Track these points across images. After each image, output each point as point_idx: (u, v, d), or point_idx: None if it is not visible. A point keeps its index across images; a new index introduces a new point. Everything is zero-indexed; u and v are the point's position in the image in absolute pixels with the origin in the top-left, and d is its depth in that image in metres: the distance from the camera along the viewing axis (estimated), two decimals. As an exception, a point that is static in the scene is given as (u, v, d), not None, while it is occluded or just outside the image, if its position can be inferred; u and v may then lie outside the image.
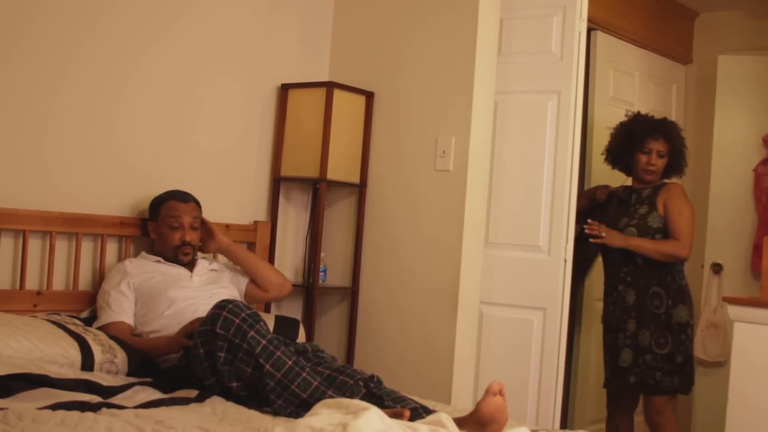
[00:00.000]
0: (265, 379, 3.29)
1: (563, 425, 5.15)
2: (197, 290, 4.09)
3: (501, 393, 3.17)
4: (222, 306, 3.42)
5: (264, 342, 3.34)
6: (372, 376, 3.51)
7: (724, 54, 6.24)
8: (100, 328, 3.89)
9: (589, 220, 4.94)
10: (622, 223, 4.92)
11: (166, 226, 4.19)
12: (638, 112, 5.20)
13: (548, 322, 4.79)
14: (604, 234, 4.86)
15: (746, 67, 6.09)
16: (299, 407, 3.24)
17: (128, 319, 3.98)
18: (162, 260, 4.18)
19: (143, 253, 4.24)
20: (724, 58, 6.20)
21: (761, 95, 5.58)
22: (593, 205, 5.14)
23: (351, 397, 3.40)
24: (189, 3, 4.59)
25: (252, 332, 3.35)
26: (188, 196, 4.28)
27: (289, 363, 3.31)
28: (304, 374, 3.31)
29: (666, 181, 5.01)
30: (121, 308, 3.98)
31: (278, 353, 3.33)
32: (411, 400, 3.45)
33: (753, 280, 5.76)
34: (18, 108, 3.97)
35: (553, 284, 4.80)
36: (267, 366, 3.30)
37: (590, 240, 4.91)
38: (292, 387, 3.28)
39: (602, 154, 5.21)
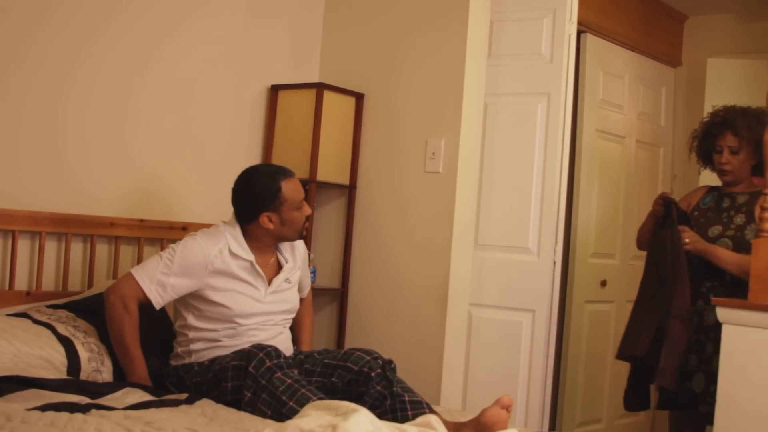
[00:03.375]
0: (290, 415, 3.20)
1: (552, 427, 5.16)
2: (265, 315, 3.83)
3: (508, 409, 3.18)
4: (262, 348, 3.42)
5: (289, 381, 3.33)
6: (390, 361, 3.57)
7: (714, 57, 6.26)
8: (124, 277, 3.69)
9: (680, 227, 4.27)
10: (715, 232, 4.28)
11: (293, 209, 3.78)
12: (724, 106, 4.48)
13: (537, 323, 4.81)
14: (687, 240, 4.19)
15: (735, 70, 6.11)
16: None
17: (154, 296, 3.66)
18: (253, 262, 3.77)
19: (236, 240, 3.78)
20: (714, 61, 6.22)
21: (750, 98, 5.58)
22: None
23: (368, 372, 3.47)
24: (180, 5, 4.59)
25: (279, 373, 3.35)
26: (288, 169, 3.94)
27: (314, 399, 3.26)
28: None
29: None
30: (160, 285, 3.67)
31: (303, 390, 3.31)
32: (418, 393, 3.49)
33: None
34: (6, 109, 3.97)
35: (542, 286, 4.82)
36: (290, 403, 3.27)
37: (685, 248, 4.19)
38: None
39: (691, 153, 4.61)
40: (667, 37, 6.61)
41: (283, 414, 3.23)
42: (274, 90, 4.99)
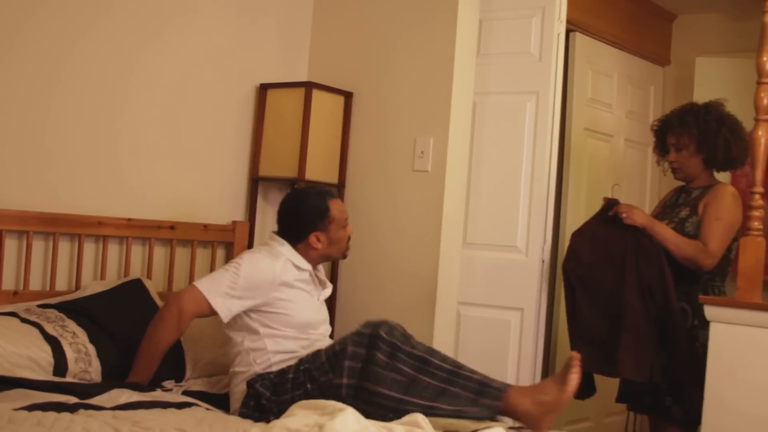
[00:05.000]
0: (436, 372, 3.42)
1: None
2: (320, 325, 3.93)
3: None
4: (384, 321, 3.56)
5: (429, 347, 3.54)
6: None
7: (702, 56, 6.27)
8: (188, 289, 3.71)
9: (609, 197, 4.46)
10: None
11: (340, 228, 3.89)
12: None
13: (526, 322, 4.81)
14: (624, 214, 4.27)
15: (724, 69, 6.12)
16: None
17: (222, 309, 3.65)
18: (311, 271, 3.86)
19: (293, 255, 3.82)
20: (702, 60, 6.23)
21: (738, 97, 5.59)
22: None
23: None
24: (169, 4, 4.58)
25: (414, 341, 3.52)
26: (333, 190, 4.12)
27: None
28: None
29: (720, 181, 4.39)
30: (227, 298, 3.66)
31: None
32: None
33: (730, 281, 5.78)
34: (-5, 107, 3.96)
35: (530, 285, 4.82)
36: (434, 359, 3.46)
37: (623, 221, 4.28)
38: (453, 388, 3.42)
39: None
40: (656, 36, 6.62)
41: (423, 370, 3.41)
42: (263, 89, 4.98)
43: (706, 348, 3.94)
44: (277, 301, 3.70)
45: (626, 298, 4.19)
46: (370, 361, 3.42)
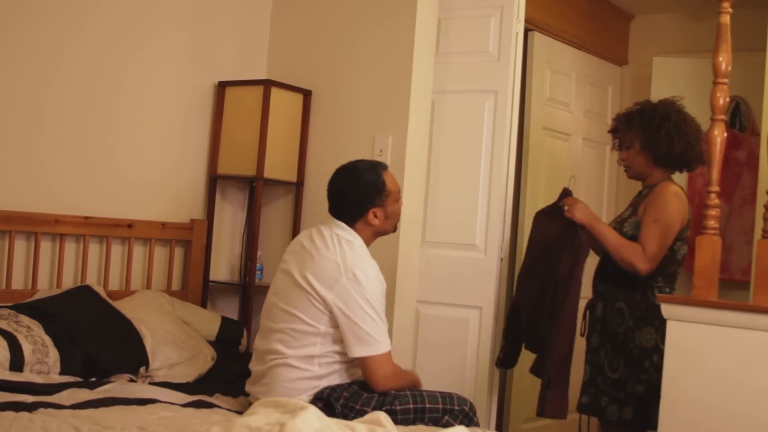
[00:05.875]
0: None
1: (499, 424, 5.18)
2: None
3: None
4: None
5: None
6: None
7: (659, 56, 6.32)
8: (382, 360, 3.56)
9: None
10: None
11: (395, 201, 3.77)
12: None
13: (484, 320, 4.82)
14: (566, 206, 4.28)
15: (680, 68, 6.17)
16: None
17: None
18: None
19: (357, 241, 3.70)
20: (659, 59, 6.28)
21: (694, 96, 5.63)
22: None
23: None
24: (126, 1, 4.57)
25: None
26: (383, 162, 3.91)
27: None
28: None
29: (668, 180, 4.30)
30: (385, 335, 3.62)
31: None
32: None
33: (686, 280, 5.82)
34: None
35: (489, 283, 4.83)
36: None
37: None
38: None
39: None
40: (614, 36, 6.66)
41: None
42: (221, 87, 4.96)
43: (641, 348, 4.08)
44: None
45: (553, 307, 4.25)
46: None
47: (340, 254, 3.58)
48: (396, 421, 3.20)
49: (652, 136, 4.21)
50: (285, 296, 3.62)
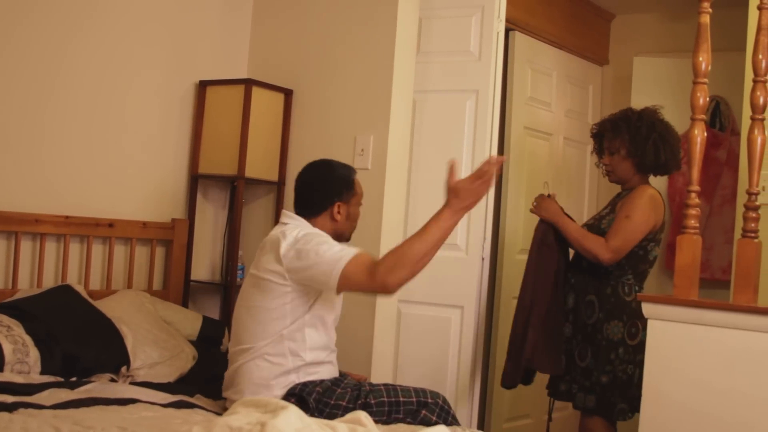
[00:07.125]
0: None
1: (480, 423, 5.18)
2: None
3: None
4: None
5: None
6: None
7: (640, 55, 6.35)
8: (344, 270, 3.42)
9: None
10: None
11: (358, 205, 3.83)
12: None
13: (465, 320, 4.83)
14: (533, 204, 4.56)
15: (660, 68, 6.20)
16: None
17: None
18: None
19: (308, 227, 3.67)
20: (639, 59, 6.31)
21: (674, 96, 5.67)
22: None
23: None
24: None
25: None
26: None
27: None
28: None
29: (648, 184, 4.43)
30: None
31: None
32: None
33: (667, 279, 5.85)
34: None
35: (470, 283, 4.84)
36: None
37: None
38: None
39: None
40: (595, 36, 6.68)
41: None
42: (202, 86, 4.95)
43: (609, 341, 4.25)
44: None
45: (528, 293, 4.48)
46: None
47: (280, 231, 3.60)
48: (371, 414, 3.20)
49: (639, 144, 4.34)
50: (247, 295, 3.62)
